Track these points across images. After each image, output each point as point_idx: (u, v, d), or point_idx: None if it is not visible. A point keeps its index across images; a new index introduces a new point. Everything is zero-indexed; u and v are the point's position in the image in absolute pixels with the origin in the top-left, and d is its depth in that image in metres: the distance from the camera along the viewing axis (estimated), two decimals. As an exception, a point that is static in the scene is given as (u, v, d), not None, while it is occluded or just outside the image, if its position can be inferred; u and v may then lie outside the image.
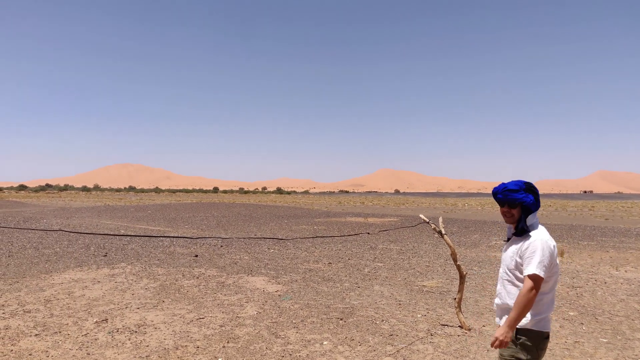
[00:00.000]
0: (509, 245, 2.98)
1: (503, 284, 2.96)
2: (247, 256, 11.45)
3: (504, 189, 2.96)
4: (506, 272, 2.94)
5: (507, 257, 2.95)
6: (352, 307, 6.64)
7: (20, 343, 4.96)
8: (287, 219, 26.32)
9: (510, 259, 2.91)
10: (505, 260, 2.96)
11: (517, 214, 2.92)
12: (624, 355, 4.82)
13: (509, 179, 29.58)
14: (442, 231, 5.92)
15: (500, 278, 3.00)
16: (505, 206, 2.95)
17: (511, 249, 2.93)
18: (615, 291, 7.90)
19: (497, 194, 3.00)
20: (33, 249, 11.98)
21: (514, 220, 2.94)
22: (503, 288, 2.95)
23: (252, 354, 4.77)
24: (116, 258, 10.83)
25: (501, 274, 3.00)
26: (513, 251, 2.90)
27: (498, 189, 3.02)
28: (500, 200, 2.98)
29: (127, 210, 33.18)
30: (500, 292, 2.96)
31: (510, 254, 2.93)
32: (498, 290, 3.01)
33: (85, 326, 5.58)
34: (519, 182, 2.98)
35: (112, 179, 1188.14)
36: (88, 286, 7.79)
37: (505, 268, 2.96)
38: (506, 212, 2.96)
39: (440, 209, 44.35)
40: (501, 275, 3.00)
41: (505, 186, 2.97)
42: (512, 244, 2.95)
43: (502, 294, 2.95)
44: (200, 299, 7.00)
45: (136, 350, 4.83)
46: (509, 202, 2.93)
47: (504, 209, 2.98)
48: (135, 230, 18.33)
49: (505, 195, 2.94)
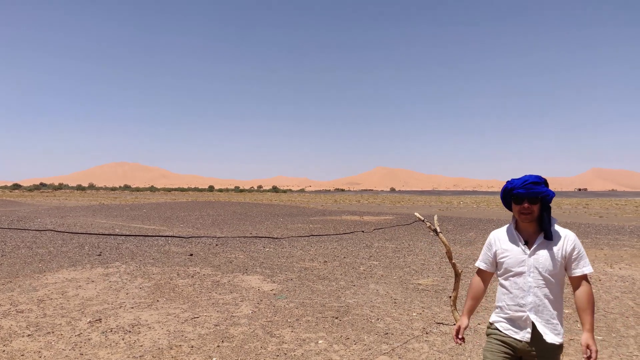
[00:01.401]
0: (538, 249, 2.59)
1: (544, 294, 2.56)
2: (242, 255, 11.42)
3: (525, 182, 2.62)
4: (546, 279, 2.56)
5: (545, 261, 2.56)
6: (347, 306, 6.63)
7: (13, 344, 4.91)
8: (283, 218, 26.29)
9: (550, 262, 2.55)
10: (544, 264, 2.56)
11: (537, 210, 2.59)
12: (618, 353, 4.83)
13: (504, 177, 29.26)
14: (437, 229, 5.91)
15: (533, 288, 2.58)
16: (525, 202, 2.59)
17: (546, 252, 2.57)
18: (610, 288, 7.93)
19: (517, 188, 2.63)
20: (26, 249, 11.90)
21: (533, 218, 2.60)
22: (545, 298, 2.56)
23: (247, 353, 4.75)
24: (110, 257, 10.77)
25: (536, 283, 2.57)
26: (553, 253, 2.56)
27: (516, 182, 2.67)
28: (520, 196, 2.61)
29: (122, 209, 33.06)
30: (542, 303, 2.56)
31: (549, 257, 2.56)
32: (532, 302, 2.57)
33: (79, 326, 5.54)
34: (538, 176, 2.67)
35: (107, 178, 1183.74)
36: (82, 286, 7.74)
37: (543, 274, 2.56)
38: (526, 209, 2.59)
39: (435, 207, 44.45)
40: (536, 284, 2.57)
41: (526, 179, 2.63)
42: (543, 247, 2.59)
43: (544, 304, 2.56)
44: (195, 298, 6.97)
45: (130, 350, 4.79)
46: (530, 197, 2.58)
47: (522, 206, 2.60)
48: (130, 229, 18.25)
49: (528, 189, 2.58)
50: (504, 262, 2.68)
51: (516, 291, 2.62)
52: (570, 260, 2.57)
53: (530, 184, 2.60)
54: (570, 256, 2.57)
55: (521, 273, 2.61)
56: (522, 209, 2.60)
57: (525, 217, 2.60)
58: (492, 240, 2.82)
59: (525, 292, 2.58)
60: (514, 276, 2.63)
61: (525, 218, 2.60)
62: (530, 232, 2.65)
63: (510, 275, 2.65)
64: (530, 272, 2.58)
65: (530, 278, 2.58)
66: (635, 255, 11.82)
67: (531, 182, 2.61)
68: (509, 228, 2.75)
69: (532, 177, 2.64)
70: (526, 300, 2.58)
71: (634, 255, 11.82)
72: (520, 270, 2.61)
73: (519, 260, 2.62)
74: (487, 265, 2.81)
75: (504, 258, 2.69)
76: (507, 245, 2.69)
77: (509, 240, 2.70)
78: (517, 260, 2.62)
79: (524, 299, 2.59)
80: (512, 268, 2.63)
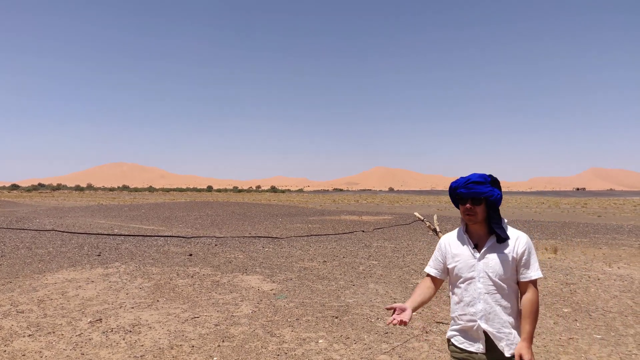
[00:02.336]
0: (488, 252, 2.45)
1: (494, 300, 2.41)
2: (241, 255, 11.43)
3: (467, 181, 2.47)
4: (497, 284, 2.40)
5: (495, 265, 2.41)
6: (347, 305, 6.65)
7: (14, 344, 4.92)
8: (282, 218, 26.30)
9: (500, 267, 2.40)
10: (494, 268, 2.41)
11: (481, 212, 2.44)
12: (617, 352, 4.86)
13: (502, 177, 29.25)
14: (437, 229, 5.95)
15: (483, 294, 2.42)
16: (468, 202, 2.45)
17: (497, 256, 2.42)
18: (609, 288, 7.95)
19: (458, 187, 2.50)
20: (26, 249, 11.89)
21: (477, 219, 2.45)
22: (496, 305, 2.41)
23: (248, 352, 4.76)
24: (110, 257, 10.78)
25: (486, 289, 2.42)
26: (504, 257, 2.41)
27: (459, 182, 2.52)
28: (462, 195, 2.47)
29: (121, 209, 33.03)
30: (492, 311, 2.41)
31: (499, 261, 2.41)
32: (483, 310, 2.41)
33: (79, 326, 5.55)
34: (483, 174, 2.51)
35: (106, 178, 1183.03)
36: (82, 286, 7.74)
37: (494, 279, 2.40)
38: (469, 209, 2.45)
39: (434, 207, 44.50)
40: (487, 290, 2.42)
41: (468, 178, 2.49)
42: (494, 250, 2.44)
43: (495, 312, 2.41)
44: (195, 298, 6.98)
45: (131, 350, 4.81)
46: (472, 197, 2.44)
47: (465, 207, 2.46)
48: (129, 229, 18.25)
49: (469, 188, 2.44)
50: (455, 268, 2.52)
51: (467, 299, 2.46)
52: (519, 264, 2.42)
53: (472, 184, 2.45)
54: (520, 259, 2.41)
55: (471, 279, 2.45)
56: (466, 210, 2.46)
57: (469, 219, 2.47)
58: (442, 244, 2.63)
59: (475, 299, 2.43)
60: (464, 282, 2.47)
61: (469, 219, 2.46)
62: (480, 234, 2.50)
63: (461, 281, 2.49)
64: (480, 277, 2.42)
65: (480, 284, 2.42)
66: (634, 255, 11.86)
67: (473, 181, 2.45)
68: (459, 231, 2.59)
69: (474, 176, 2.48)
70: (476, 307, 2.42)
71: (633, 255, 11.86)
72: (470, 276, 2.45)
73: (468, 265, 2.46)
74: (438, 272, 2.62)
75: (454, 263, 2.52)
76: (457, 250, 2.53)
77: (458, 244, 2.54)
78: (467, 265, 2.47)
79: (474, 307, 2.43)
80: (462, 274, 2.48)
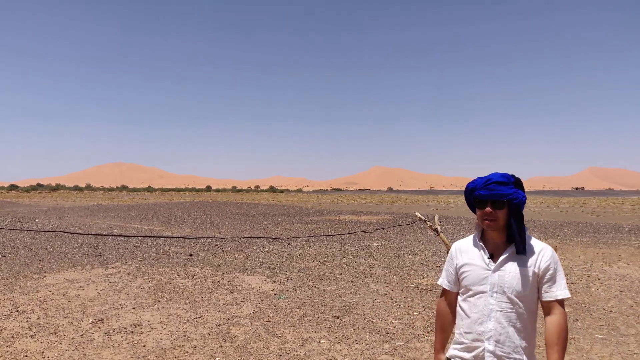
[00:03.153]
0: (505, 263, 2.10)
1: (508, 320, 2.05)
2: (241, 255, 11.43)
3: (488, 181, 2.12)
4: (513, 302, 2.05)
5: (512, 279, 2.05)
6: (348, 306, 6.65)
7: (16, 344, 4.92)
8: (281, 218, 26.30)
9: (518, 281, 2.05)
10: (510, 283, 2.05)
11: (502, 217, 2.10)
12: (619, 351, 4.87)
13: None
14: (438, 229, 5.95)
15: (495, 312, 2.06)
16: (488, 205, 2.10)
17: (516, 268, 2.07)
18: (609, 287, 7.97)
19: (477, 189, 2.15)
20: (26, 250, 11.88)
21: (498, 225, 2.10)
22: (509, 325, 2.04)
23: (250, 353, 4.76)
24: (110, 258, 10.77)
25: (499, 306, 2.06)
26: (524, 270, 2.06)
27: (477, 182, 2.18)
28: (482, 198, 2.12)
29: (120, 209, 33.00)
30: (504, 332, 2.04)
31: (518, 275, 2.06)
32: (493, 330, 2.05)
33: (81, 327, 5.55)
34: (505, 174, 2.16)
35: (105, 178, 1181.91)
36: (83, 286, 7.74)
37: (509, 295, 2.05)
38: (489, 214, 2.10)
39: (433, 207, 44.51)
40: (500, 307, 2.06)
41: (488, 178, 2.14)
42: (512, 261, 2.09)
43: (508, 333, 2.04)
44: (196, 299, 6.98)
45: (133, 350, 4.81)
46: (494, 200, 2.09)
47: (485, 210, 2.11)
48: (128, 229, 18.24)
49: (490, 190, 2.09)
50: (464, 279, 2.18)
51: (475, 315, 2.11)
52: (543, 280, 2.07)
53: (494, 184, 2.10)
54: (544, 275, 2.07)
55: (482, 292, 2.10)
56: (485, 214, 2.11)
57: (488, 225, 2.11)
58: (453, 252, 2.31)
59: (486, 316, 2.08)
60: (474, 296, 2.13)
61: (489, 225, 2.11)
62: (498, 243, 2.15)
63: (470, 295, 2.15)
64: (493, 291, 2.07)
65: (492, 299, 2.07)
66: (634, 254, 11.89)
67: (495, 181, 2.11)
68: (474, 237, 2.25)
69: (496, 176, 2.14)
70: (486, 326, 2.07)
71: (632, 254, 11.89)
72: (481, 289, 2.10)
73: (480, 276, 2.11)
74: (451, 285, 2.29)
75: (464, 273, 2.18)
76: (468, 258, 2.19)
77: (471, 252, 2.20)
78: (479, 277, 2.11)
79: (483, 325, 2.08)
80: (473, 286, 2.13)
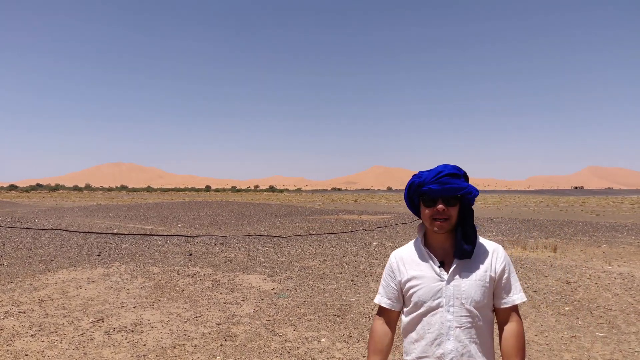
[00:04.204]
0: (459, 272, 1.80)
1: (469, 337, 1.77)
2: (241, 254, 11.42)
3: (440, 174, 1.80)
4: (472, 315, 1.78)
5: (469, 288, 1.77)
6: (348, 304, 6.64)
7: (16, 343, 4.91)
8: (281, 217, 26.29)
9: (477, 290, 1.77)
10: (468, 293, 1.77)
11: (454, 216, 1.80)
12: (620, 349, 4.86)
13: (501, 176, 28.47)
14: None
15: (454, 329, 1.77)
16: (440, 202, 1.78)
17: (471, 275, 1.79)
18: (609, 286, 7.97)
19: (426, 183, 1.81)
20: (25, 249, 11.87)
21: (450, 226, 1.80)
22: (471, 343, 1.77)
23: (250, 352, 4.76)
24: (110, 257, 10.76)
25: (458, 322, 1.77)
26: (480, 276, 1.79)
27: (426, 176, 1.83)
28: (433, 194, 1.79)
29: (120, 209, 32.98)
30: (466, 352, 1.77)
31: (475, 282, 1.78)
32: (454, 351, 1.77)
33: (81, 326, 5.54)
34: (456, 166, 1.88)
35: (104, 179, 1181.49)
36: (83, 286, 7.73)
37: (468, 308, 1.77)
38: (441, 212, 1.78)
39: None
40: (459, 323, 1.77)
41: (440, 170, 1.81)
42: (465, 268, 1.80)
43: (470, 353, 1.77)
44: (196, 298, 6.98)
45: (133, 349, 4.80)
46: (447, 196, 1.78)
47: (437, 209, 1.78)
48: (128, 229, 18.22)
49: (443, 184, 1.78)
50: (414, 295, 1.84)
51: (430, 335, 1.81)
52: (500, 285, 1.83)
53: (447, 177, 1.79)
54: (500, 279, 1.82)
55: (437, 308, 1.79)
56: (436, 213, 1.78)
57: (440, 226, 1.78)
58: (394, 264, 1.94)
59: (443, 335, 1.78)
60: (427, 314, 1.81)
61: (441, 226, 1.78)
62: (446, 248, 1.85)
63: (422, 312, 1.82)
64: (449, 305, 1.78)
65: (449, 315, 1.78)
66: (633, 253, 11.89)
67: (448, 173, 1.80)
68: (416, 244, 1.93)
69: (448, 168, 1.83)
70: (445, 347, 1.78)
71: (632, 253, 11.89)
72: (436, 304, 1.79)
73: (433, 290, 1.80)
74: (393, 302, 1.94)
75: (412, 289, 1.84)
76: (415, 270, 1.85)
77: (417, 262, 1.87)
78: (431, 291, 1.80)
79: (441, 347, 1.78)
80: (425, 302, 1.81)
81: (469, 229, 1.81)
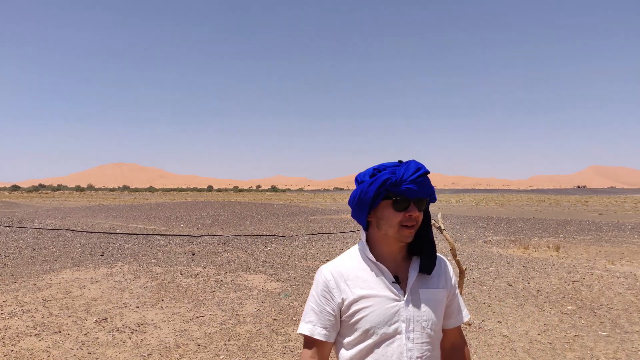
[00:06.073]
0: (418, 289, 1.46)
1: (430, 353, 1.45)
2: (244, 254, 11.44)
3: (419, 170, 1.44)
4: (432, 339, 1.46)
5: (429, 310, 1.45)
6: (351, 304, 6.65)
7: (21, 343, 4.93)
8: (283, 217, 26.32)
9: (436, 311, 1.47)
10: (429, 315, 1.45)
11: (420, 221, 1.46)
12: (623, 348, 4.86)
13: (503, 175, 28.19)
14: (441, 227, 5.95)
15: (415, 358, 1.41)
16: (412, 207, 1.42)
17: (430, 293, 1.47)
18: (612, 285, 7.96)
19: (403, 181, 1.41)
20: (29, 249, 11.91)
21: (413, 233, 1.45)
22: None
23: (254, 351, 4.77)
24: (113, 257, 10.79)
25: (420, 350, 1.42)
26: (438, 294, 1.49)
27: (400, 172, 1.43)
28: (410, 194, 1.42)
29: (122, 209, 33.05)
30: None
31: (435, 302, 1.48)
32: None
33: (85, 325, 5.56)
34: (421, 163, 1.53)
35: (106, 179, 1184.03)
36: (86, 286, 7.75)
37: (428, 332, 1.45)
38: (414, 218, 1.42)
39: (435, 205, 44.47)
40: (420, 352, 1.42)
41: (419, 168, 1.44)
42: (423, 284, 1.48)
43: None
44: (200, 297, 6.99)
45: (137, 348, 4.82)
46: (419, 200, 1.45)
47: (410, 214, 1.42)
48: (130, 229, 18.26)
49: (422, 185, 1.43)
50: (363, 320, 1.43)
51: None
52: (452, 303, 1.56)
53: (425, 177, 1.44)
54: (453, 295, 1.56)
55: (394, 335, 1.42)
56: (408, 219, 1.42)
57: (410, 234, 1.43)
58: (330, 282, 1.48)
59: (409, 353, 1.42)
60: (382, 343, 1.42)
61: (409, 234, 1.43)
62: (398, 260, 1.50)
63: (375, 342, 1.42)
64: (409, 331, 1.42)
65: (410, 342, 1.42)
66: (636, 252, 11.87)
67: (425, 172, 1.44)
68: (356, 255, 1.53)
69: (420, 164, 1.46)
70: None
71: (635, 252, 11.87)
72: (393, 330, 1.42)
73: (389, 312, 1.42)
74: (328, 332, 1.47)
75: (360, 312, 1.43)
76: (363, 288, 1.44)
77: (364, 279, 1.46)
78: (387, 314, 1.42)
79: None
80: (378, 329, 1.42)
81: (432, 237, 1.53)
